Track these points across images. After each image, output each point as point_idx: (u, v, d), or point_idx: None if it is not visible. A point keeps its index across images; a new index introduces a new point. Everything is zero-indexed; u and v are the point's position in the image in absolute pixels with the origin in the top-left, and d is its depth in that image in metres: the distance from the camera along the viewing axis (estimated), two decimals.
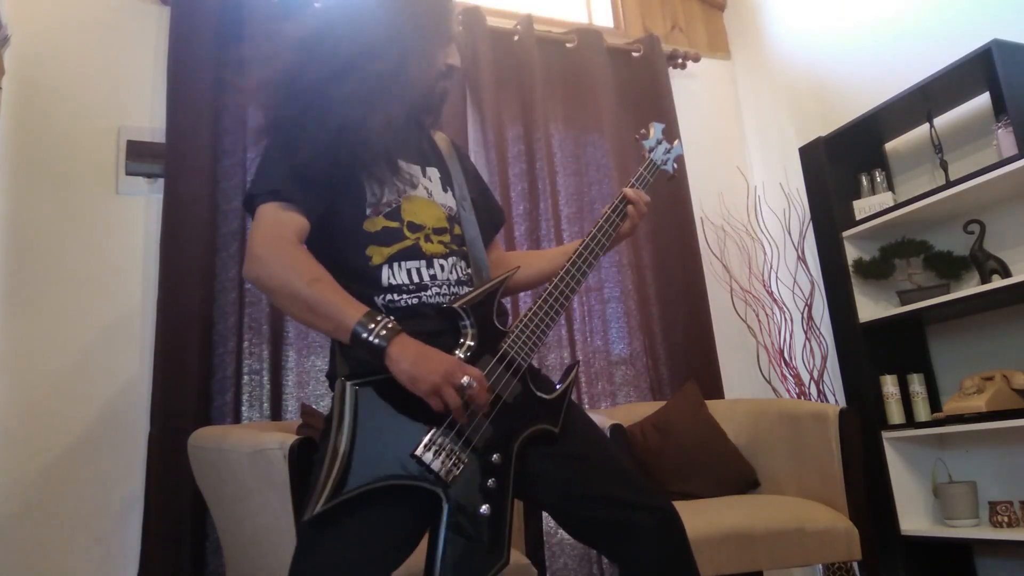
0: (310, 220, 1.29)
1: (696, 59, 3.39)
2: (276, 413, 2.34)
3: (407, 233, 1.35)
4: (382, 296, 1.31)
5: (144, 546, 2.12)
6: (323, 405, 2.41)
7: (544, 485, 1.30)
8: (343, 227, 1.33)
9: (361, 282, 1.30)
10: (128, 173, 2.43)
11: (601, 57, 3.13)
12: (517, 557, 1.83)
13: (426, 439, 1.16)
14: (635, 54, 3.25)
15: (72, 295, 2.28)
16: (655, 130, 1.63)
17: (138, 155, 2.45)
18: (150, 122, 2.48)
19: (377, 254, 1.33)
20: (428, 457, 1.15)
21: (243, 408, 2.33)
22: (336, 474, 1.10)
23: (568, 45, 3.14)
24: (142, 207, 2.43)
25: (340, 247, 1.33)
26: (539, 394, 1.31)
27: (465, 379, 1.15)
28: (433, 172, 1.46)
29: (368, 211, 1.34)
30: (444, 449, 1.17)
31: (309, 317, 1.21)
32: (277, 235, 1.24)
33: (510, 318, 1.41)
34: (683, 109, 3.26)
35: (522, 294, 2.72)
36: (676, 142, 1.67)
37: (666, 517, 1.26)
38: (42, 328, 2.23)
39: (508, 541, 1.20)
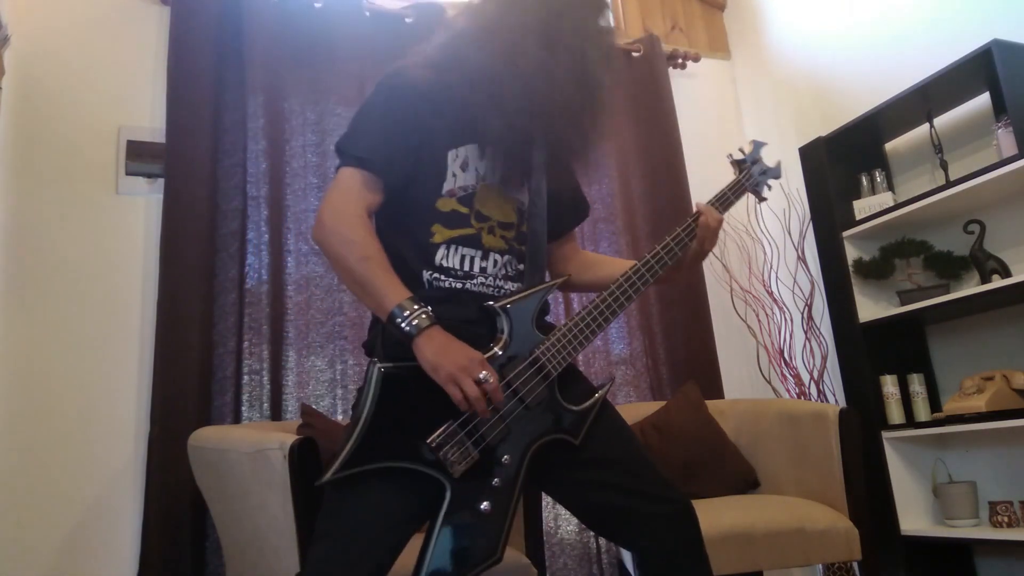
0: (385, 194, 1.33)
1: (696, 59, 3.39)
2: (276, 413, 2.34)
3: (473, 222, 1.36)
4: (430, 273, 1.33)
5: (144, 546, 2.12)
6: (323, 405, 2.41)
7: (560, 471, 1.32)
8: (416, 199, 1.36)
9: (415, 252, 1.33)
10: (128, 173, 2.43)
11: None
12: (517, 557, 1.83)
13: (441, 429, 1.19)
14: (635, 54, 3.25)
15: (72, 295, 2.28)
16: (754, 148, 1.53)
17: (138, 155, 2.45)
18: (150, 122, 2.48)
19: (440, 233, 1.34)
20: (439, 446, 1.18)
21: (243, 408, 2.33)
22: (350, 448, 1.16)
23: None
24: (142, 207, 2.43)
25: (408, 217, 1.36)
26: (565, 404, 1.31)
27: (483, 373, 1.18)
28: None
29: (444, 191, 1.35)
30: (456, 442, 1.19)
31: (357, 291, 1.29)
32: (344, 208, 1.29)
33: (554, 321, 1.41)
34: (683, 109, 3.26)
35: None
36: (776, 163, 1.56)
37: (680, 509, 1.30)
38: (42, 328, 2.23)
39: (504, 540, 1.22)
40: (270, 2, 2.61)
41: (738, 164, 1.53)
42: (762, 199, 1.55)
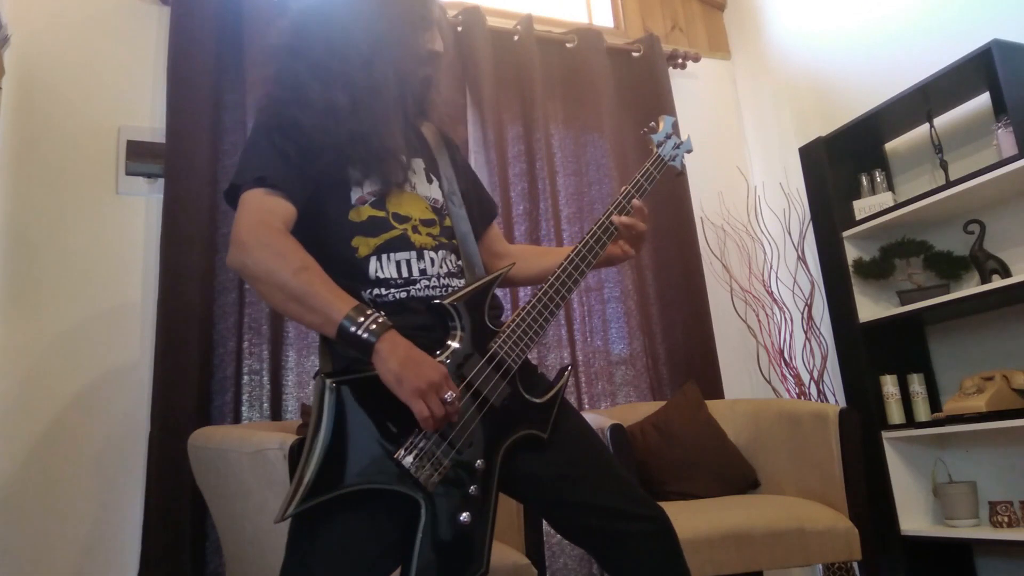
0: (297, 207, 1.24)
1: (696, 59, 3.39)
2: (276, 413, 2.34)
3: (394, 223, 1.30)
4: (369, 290, 1.26)
5: (144, 546, 2.12)
6: None
7: (536, 489, 1.28)
8: (328, 217, 1.28)
9: (348, 275, 1.25)
10: (128, 173, 2.43)
11: (601, 57, 3.13)
12: (517, 557, 1.83)
13: (407, 442, 1.12)
14: (635, 54, 3.25)
15: (72, 295, 2.28)
16: (665, 123, 1.55)
17: (138, 155, 2.45)
18: (150, 122, 2.48)
19: (364, 245, 1.28)
20: (408, 461, 1.10)
21: (243, 408, 2.33)
22: (310, 477, 1.06)
23: (568, 45, 3.14)
24: (142, 207, 2.43)
25: (325, 239, 1.28)
26: (529, 398, 1.26)
27: (449, 394, 1.10)
28: (417, 163, 1.40)
29: (353, 200, 1.29)
30: (425, 453, 1.12)
31: (295, 308, 1.15)
32: (263, 221, 1.19)
33: (505, 314, 1.37)
34: (683, 109, 3.27)
35: (521, 291, 2.72)
36: (686, 137, 1.60)
37: (658, 527, 1.24)
38: (42, 328, 2.23)
39: (488, 550, 1.16)
40: (270, 2, 2.61)
41: (653, 139, 1.54)
42: (679, 173, 1.59)
